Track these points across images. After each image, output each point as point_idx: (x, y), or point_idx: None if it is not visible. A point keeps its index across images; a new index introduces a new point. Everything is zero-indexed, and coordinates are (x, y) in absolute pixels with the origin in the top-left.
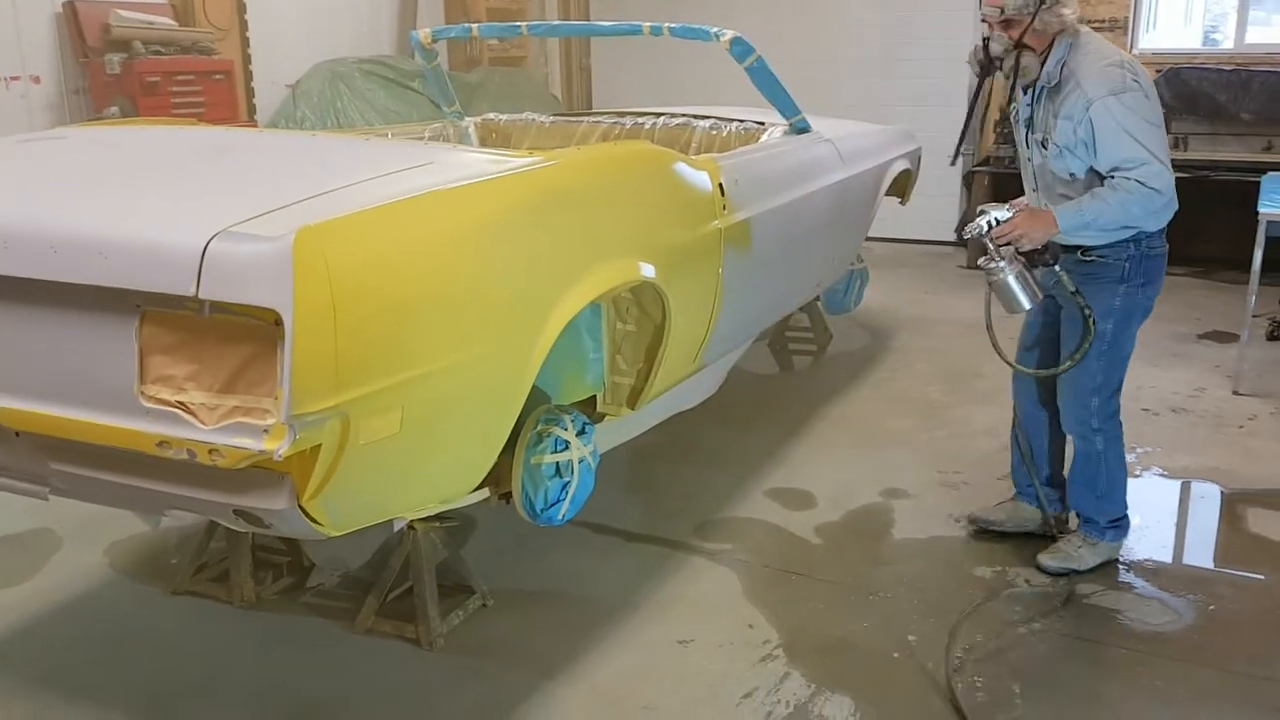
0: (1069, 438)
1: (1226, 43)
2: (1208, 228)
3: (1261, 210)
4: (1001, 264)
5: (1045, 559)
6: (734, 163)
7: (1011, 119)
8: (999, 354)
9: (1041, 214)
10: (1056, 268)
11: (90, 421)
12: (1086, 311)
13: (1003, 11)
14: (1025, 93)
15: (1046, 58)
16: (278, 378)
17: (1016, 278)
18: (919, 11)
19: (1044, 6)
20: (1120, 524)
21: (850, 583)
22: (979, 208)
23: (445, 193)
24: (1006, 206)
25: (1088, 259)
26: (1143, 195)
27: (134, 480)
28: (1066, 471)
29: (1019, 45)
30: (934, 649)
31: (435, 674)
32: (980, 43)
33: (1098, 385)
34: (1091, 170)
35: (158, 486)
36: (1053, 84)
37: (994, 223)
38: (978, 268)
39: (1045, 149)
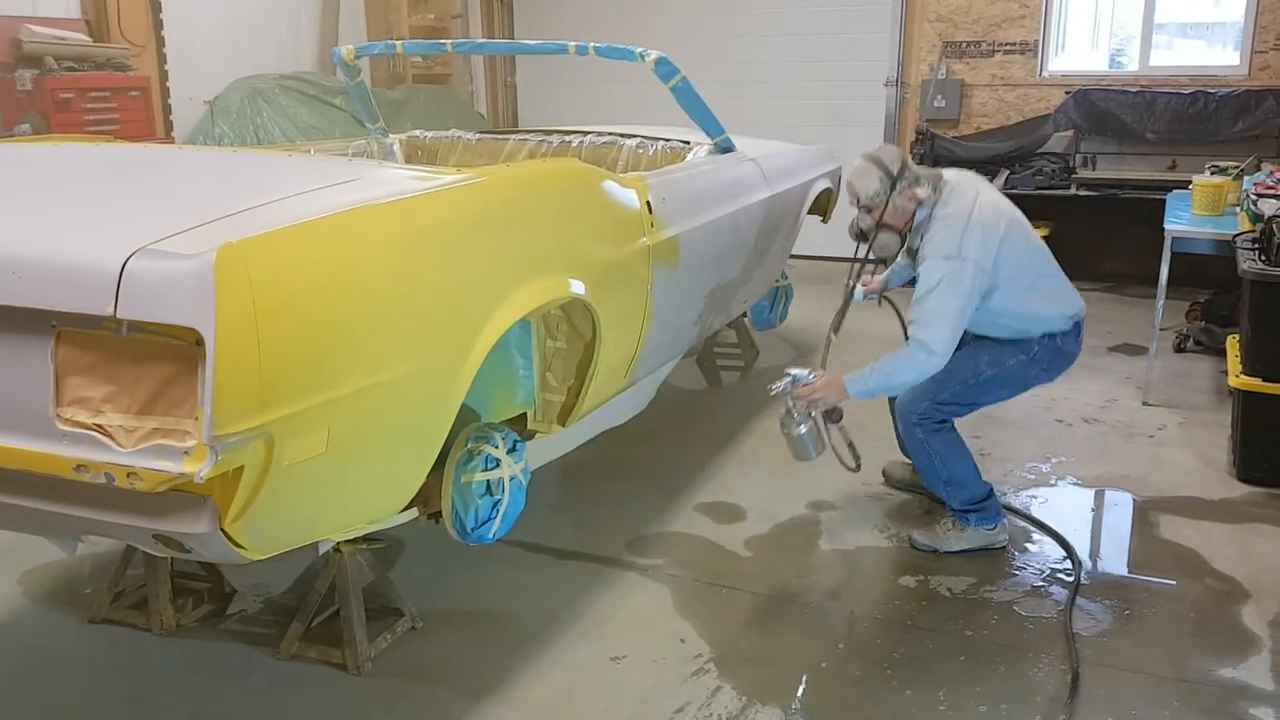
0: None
1: (1132, 65)
2: (1116, 244)
3: (1167, 227)
4: (798, 419)
5: (916, 535)
6: (661, 181)
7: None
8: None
9: (836, 381)
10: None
11: (4, 445)
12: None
13: (859, 200)
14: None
15: (910, 229)
16: (199, 398)
17: (809, 432)
18: (838, 34)
19: (895, 192)
20: (983, 509)
21: (779, 594)
22: (785, 369)
23: (372, 209)
24: (809, 370)
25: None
26: (919, 360)
27: (50, 505)
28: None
29: (879, 225)
30: (862, 658)
31: (363, 699)
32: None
33: (940, 399)
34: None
35: (74, 511)
36: (914, 246)
37: (795, 382)
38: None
39: None
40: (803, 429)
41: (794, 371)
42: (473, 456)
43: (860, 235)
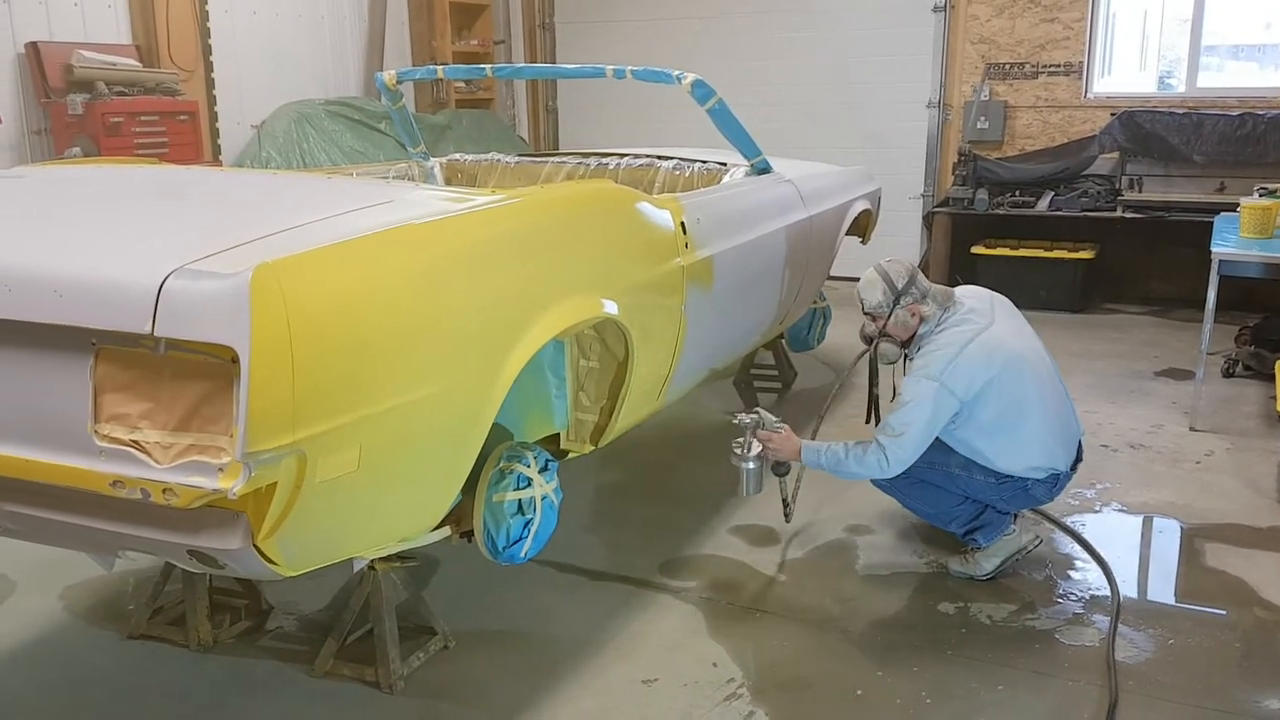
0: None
1: (1180, 87)
2: (1163, 267)
3: (1214, 250)
4: (750, 456)
5: (952, 563)
6: (696, 202)
7: None
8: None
9: (794, 443)
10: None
11: (43, 461)
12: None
13: (864, 307)
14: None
15: (911, 340)
16: (233, 415)
17: (754, 470)
18: (878, 57)
19: (899, 306)
20: (984, 525)
21: (814, 619)
22: (755, 408)
23: (406, 229)
24: (778, 419)
25: None
26: (873, 466)
27: (87, 520)
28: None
29: (882, 334)
30: (900, 686)
31: (395, 717)
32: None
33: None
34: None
35: (111, 527)
36: (911, 356)
37: (760, 423)
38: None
39: None
40: (750, 465)
41: (764, 413)
42: (504, 475)
43: (867, 340)
